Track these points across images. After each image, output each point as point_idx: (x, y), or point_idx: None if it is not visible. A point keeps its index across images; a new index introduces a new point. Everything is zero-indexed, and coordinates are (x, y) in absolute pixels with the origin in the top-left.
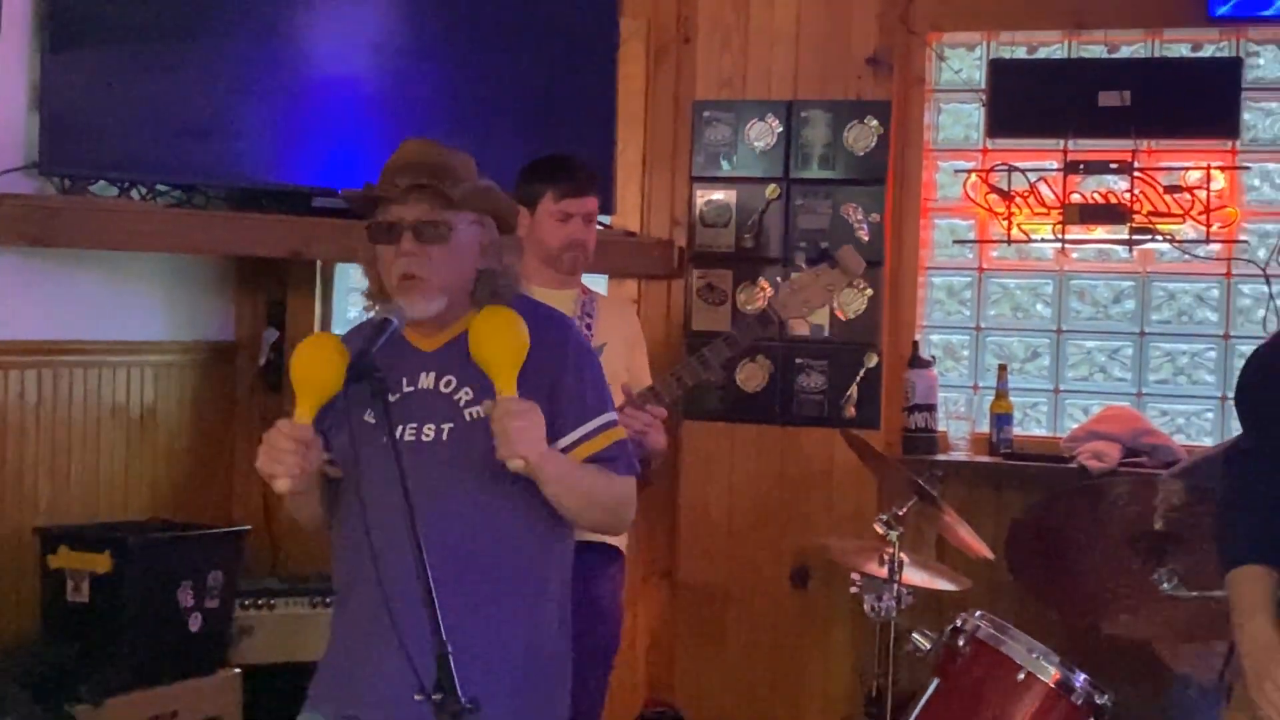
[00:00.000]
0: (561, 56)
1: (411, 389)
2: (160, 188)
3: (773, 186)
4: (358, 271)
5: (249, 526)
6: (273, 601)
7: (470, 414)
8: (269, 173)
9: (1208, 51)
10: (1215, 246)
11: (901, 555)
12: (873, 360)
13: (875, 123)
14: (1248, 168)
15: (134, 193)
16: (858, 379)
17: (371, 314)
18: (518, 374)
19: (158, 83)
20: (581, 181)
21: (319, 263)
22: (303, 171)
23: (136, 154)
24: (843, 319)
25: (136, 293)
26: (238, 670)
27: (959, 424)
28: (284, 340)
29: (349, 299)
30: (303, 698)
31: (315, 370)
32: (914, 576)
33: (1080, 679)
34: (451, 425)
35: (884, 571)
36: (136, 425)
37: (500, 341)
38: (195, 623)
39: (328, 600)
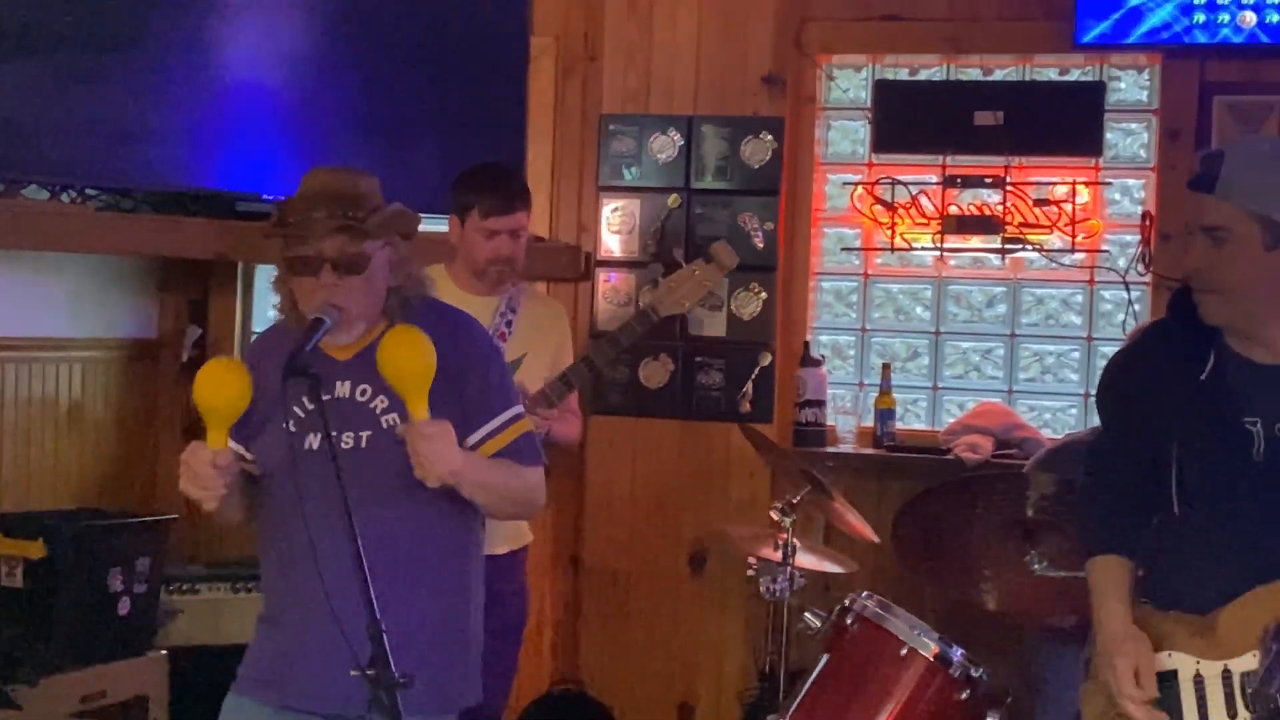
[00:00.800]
0: (474, 71)
1: (328, 397)
2: (90, 191)
3: (674, 196)
4: (271, 273)
5: (175, 515)
6: (197, 586)
7: (386, 421)
8: (194, 178)
9: (1074, 76)
10: (1079, 256)
11: (794, 540)
12: (767, 359)
13: (769, 138)
14: (1109, 183)
15: (64, 196)
16: (753, 376)
17: (282, 318)
18: (425, 394)
19: (88, 91)
20: (509, 199)
21: (240, 264)
22: (226, 177)
23: (67, 159)
24: (738, 319)
25: (65, 292)
26: (164, 652)
27: (846, 418)
28: (206, 337)
29: (268, 298)
30: (225, 678)
31: (219, 395)
32: (805, 560)
33: (957, 654)
34: (370, 433)
35: (778, 556)
36: (65, 418)
37: (408, 363)
38: (124, 606)
39: (249, 585)
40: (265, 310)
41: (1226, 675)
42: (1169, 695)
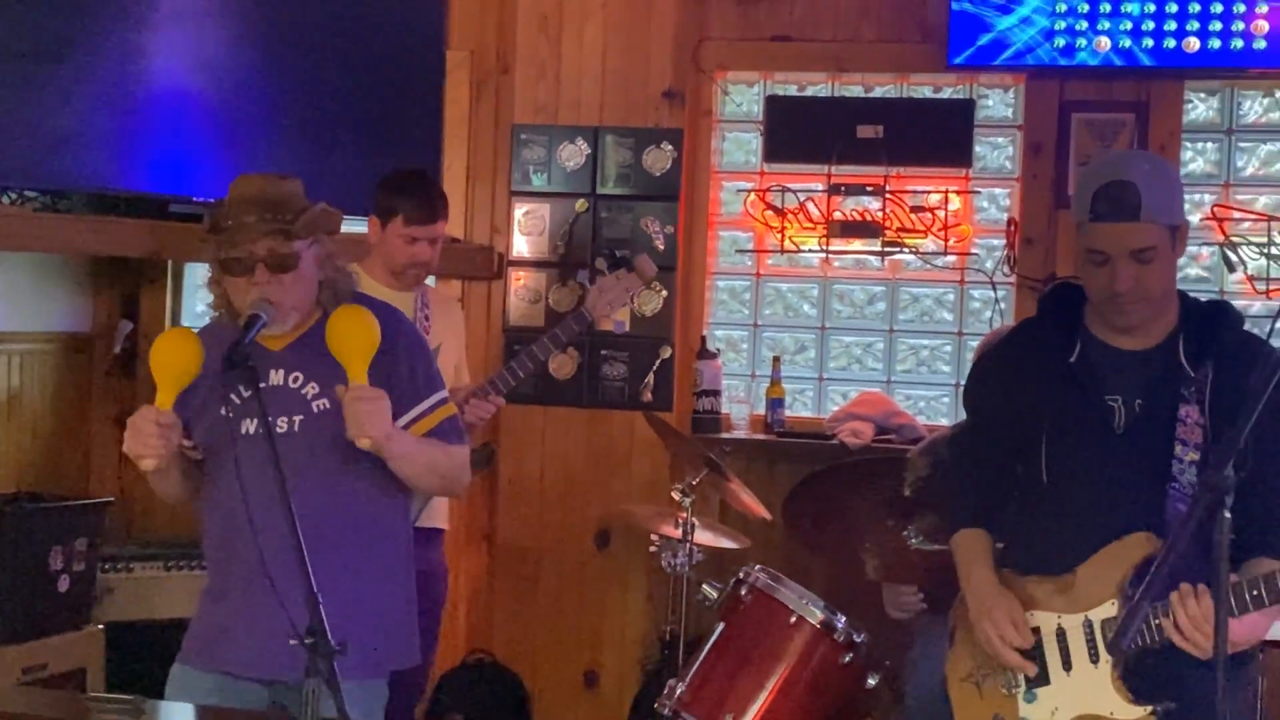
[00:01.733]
0: (394, 81)
1: (264, 385)
2: (29, 193)
3: (581, 201)
4: (203, 271)
5: (111, 499)
6: (131, 565)
7: (317, 406)
8: (127, 180)
9: (946, 93)
10: (951, 258)
11: (693, 519)
12: (667, 352)
13: (670, 148)
14: (978, 192)
15: (4, 197)
16: (654, 368)
17: (218, 314)
18: (366, 364)
19: (25, 99)
20: (433, 210)
21: (170, 261)
22: (158, 179)
23: (7, 163)
24: (640, 316)
25: (4, 287)
26: (101, 627)
27: (739, 406)
28: (137, 332)
29: (197, 295)
30: (159, 650)
31: (174, 359)
32: (703, 537)
33: (841, 620)
34: (301, 417)
35: (678, 533)
36: (4, 407)
37: (354, 337)
38: (63, 584)
39: (180, 564)
40: (195, 306)
41: (1088, 625)
42: (1034, 650)
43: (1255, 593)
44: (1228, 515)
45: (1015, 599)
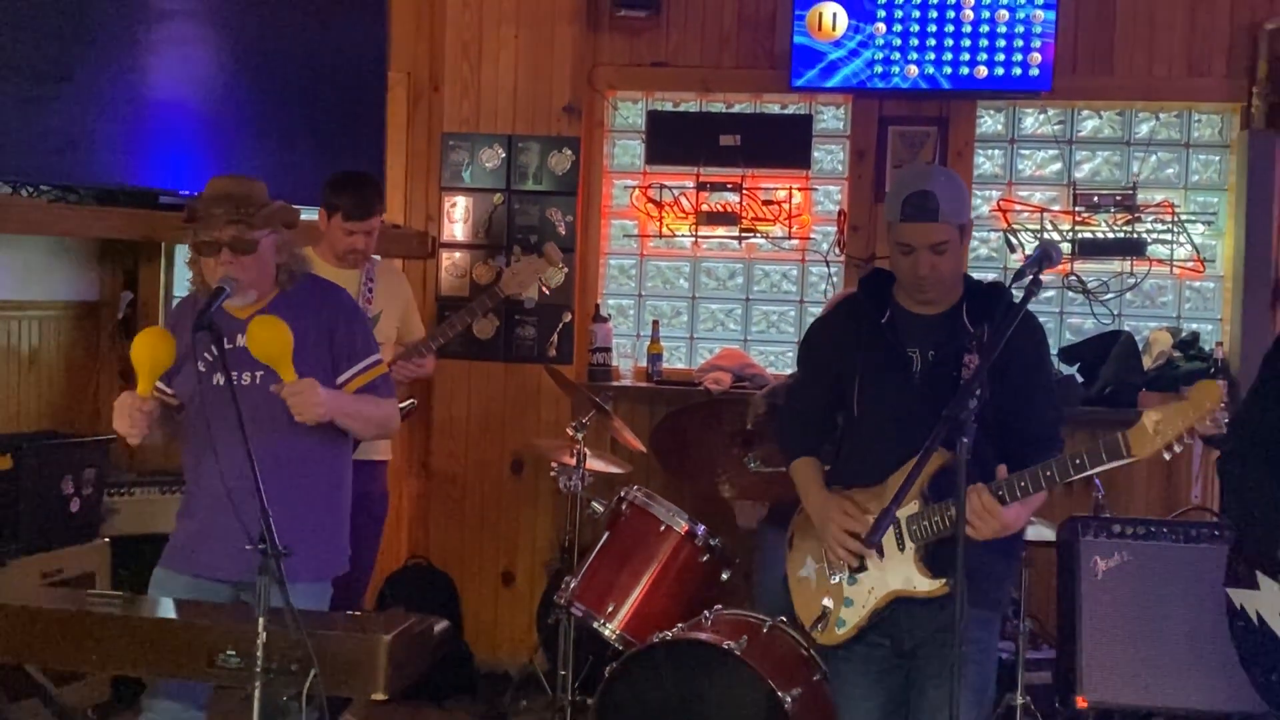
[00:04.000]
0: (345, 96)
1: (230, 346)
2: (44, 187)
3: (499, 195)
4: (188, 250)
5: (114, 436)
6: (132, 489)
7: None
8: (126, 177)
9: (790, 110)
10: (794, 241)
11: (585, 450)
12: (568, 317)
13: (569, 152)
14: (815, 189)
15: (23, 191)
16: (557, 330)
17: (196, 287)
18: (292, 354)
19: (41, 110)
20: (368, 208)
21: (163, 243)
22: (151, 176)
23: (25, 162)
24: (547, 291)
25: (26, 264)
26: (106, 540)
27: (626, 360)
28: (136, 300)
29: (185, 270)
30: (154, 559)
31: (151, 353)
32: (594, 464)
33: (701, 529)
34: (262, 373)
35: (574, 461)
36: (26, 362)
37: (273, 344)
38: (75, 505)
39: (172, 489)
40: (184, 279)
41: (896, 521)
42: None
43: (1023, 484)
44: (965, 440)
45: (849, 503)
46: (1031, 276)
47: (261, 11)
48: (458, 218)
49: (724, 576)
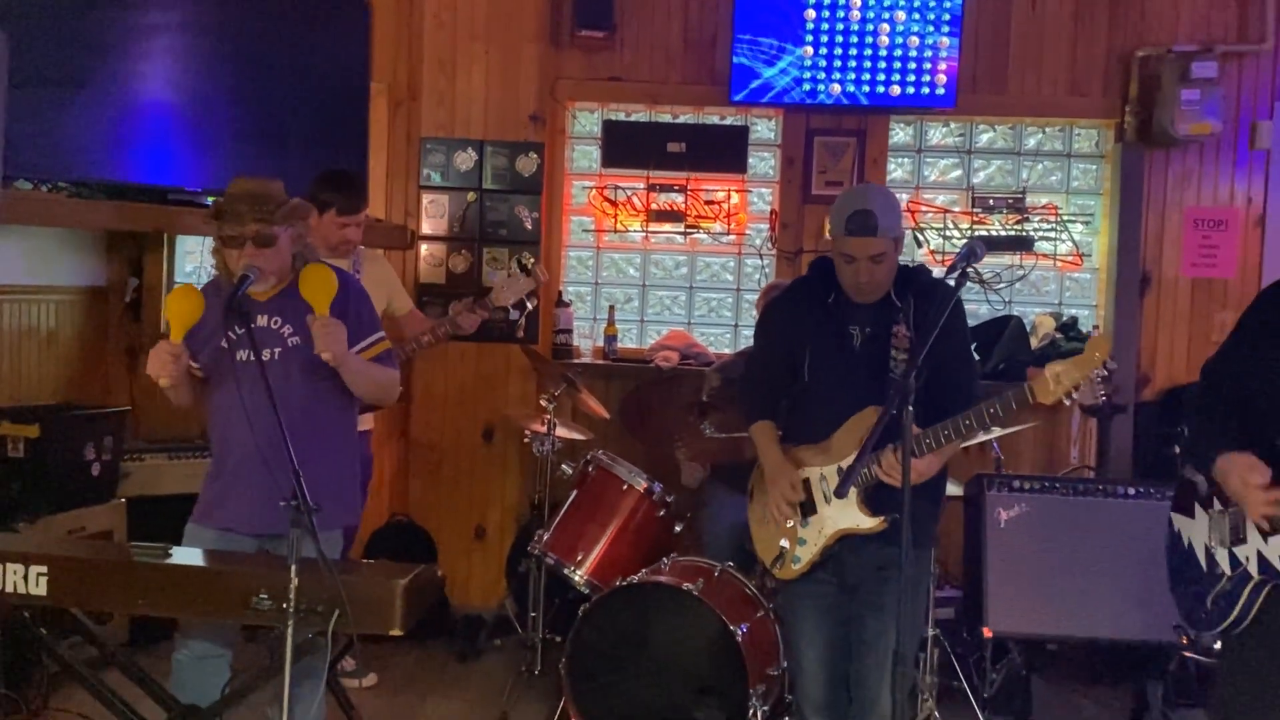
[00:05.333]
0: (332, 104)
1: (253, 325)
2: (61, 185)
3: (471, 194)
4: (190, 241)
5: (128, 407)
6: (143, 456)
7: (290, 342)
8: (136, 175)
9: (729, 121)
10: (732, 237)
11: (554, 419)
12: (534, 302)
13: (535, 156)
14: (750, 191)
15: (44, 187)
16: (525, 313)
17: (218, 273)
18: (329, 305)
19: (59, 114)
20: (358, 203)
21: (166, 234)
22: (159, 174)
23: (44, 162)
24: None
25: (42, 253)
26: (123, 500)
27: (585, 341)
28: (142, 286)
29: (186, 259)
30: (165, 517)
31: (182, 307)
32: (562, 431)
33: (658, 488)
34: (280, 349)
35: (544, 429)
36: (45, 341)
37: (320, 284)
38: (95, 470)
39: (180, 455)
40: (184, 267)
41: (840, 470)
42: (808, 490)
43: (928, 442)
44: (910, 409)
45: (794, 469)
46: (961, 269)
47: (256, 28)
48: (434, 213)
49: (677, 529)
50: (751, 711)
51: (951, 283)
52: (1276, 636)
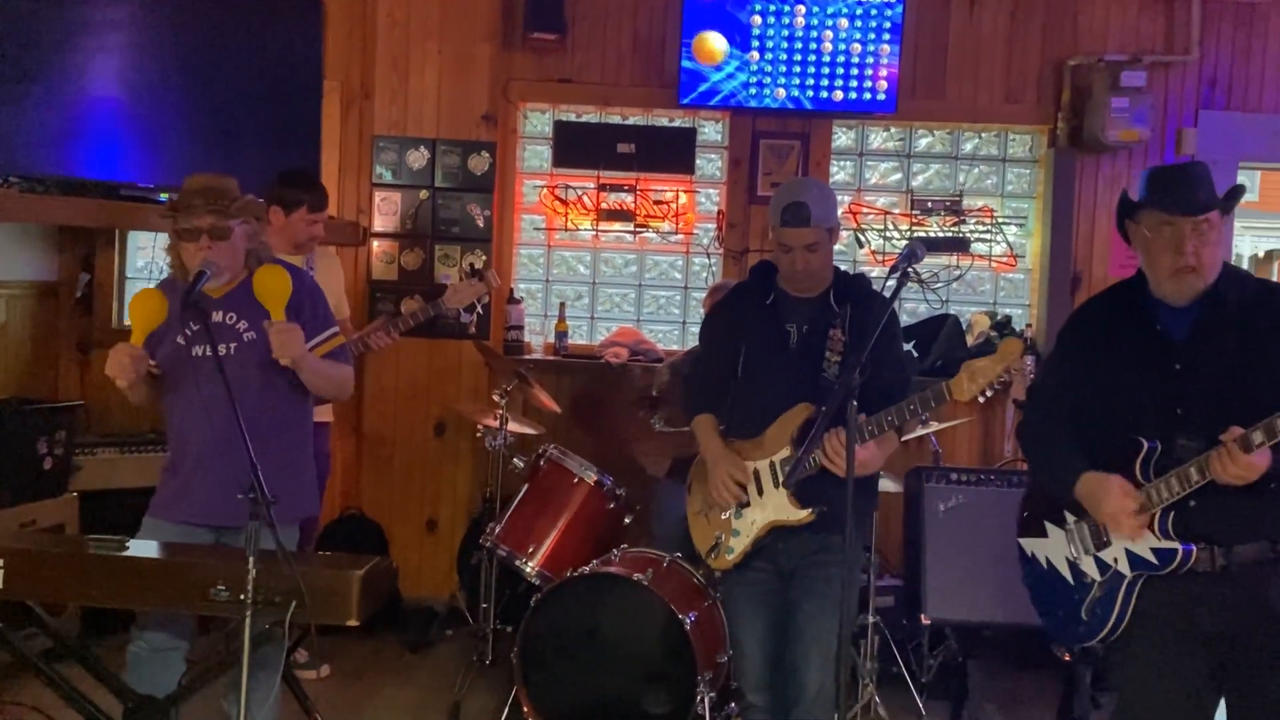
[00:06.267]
0: (286, 103)
1: (209, 321)
2: (13, 179)
3: (424, 191)
4: (142, 237)
5: (81, 402)
6: (95, 450)
7: (246, 337)
8: (88, 170)
9: (678, 123)
10: (680, 236)
11: (506, 414)
12: (486, 299)
13: (487, 155)
14: (698, 191)
15: None
16: (477, 310)
17: (174, 271)
18: (284, 307)
19: (9, 112)
20: (325, 199)
21: (117, 230)
22: (111, 169)
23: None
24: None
25: None
26: (75, 494)
27: (536, 337)
28: (93, 281)
29: (138, 255)
30: (116, 510)
31: (146, 311)
32: (514, 426)
33: (608, 480)
34: (236, 344)
35: (497, 423)
36: None
37: (275, 286)
38: (48, 464)
39: (131, 449)
40: (135, 262)
41: (773, 464)
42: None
43: (870, 430)
44: (855, 404)
45: (736, 456)
46: (902, 270)
47: (209, 25)
48: (387, 211)
49: (627, 521)
50: (699, 697)
51: (893, 283)
52: (1157, 624)
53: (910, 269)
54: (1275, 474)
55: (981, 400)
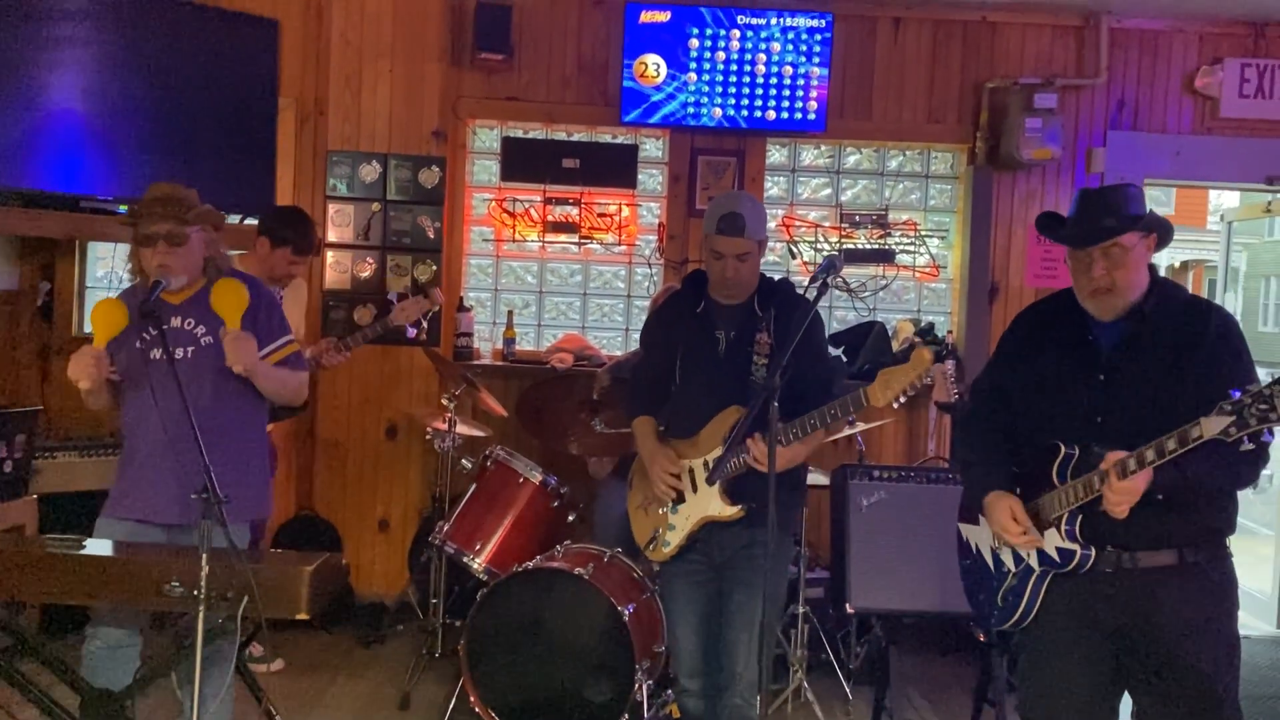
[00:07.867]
0: (242, 118)
1: (167, 326)
2: None
3: (376, 204)
4: (101, 248)
5: (40, 407)
6: (55, 454)
7: (203, 341)
8: (49, 183)
9: (620, 140)
10: (623, 247)
11: (455, 417)
12: (437, 307)
13: (437, 169)
14: (640, 204)
15: None
16: (428, 317)
17: (134, 281)
18: (240, 318)
19: None
20: (313, 246)
21: (78, 241)
22: (72, 182)
23: None
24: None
25: None
26: (35, 496)
27: (485, 343)
28: (53, 290)
29: (97, 265)
30: (75, 513)
31: (109, 318)
32: (462, 428)
33: (553, 480)
34: (194, 348)
35: (446, 426)
36: None
37: (231, 297)
38: (7, 467)
39: (90, 453)
40: (95, 272)
41: (706, 463)
42: (683, 480)
43: (794, 433)
44: (776, 405)
45: (672, 454)
46: (821, 281)
47: (167, 42)
48: (340, 223)
49: (570, 518)
50: (637, 685)
51: (814, 292)
52: (1061, 616)
53: (829, 279)
54: (1163, 486)
55: (897, 405)
